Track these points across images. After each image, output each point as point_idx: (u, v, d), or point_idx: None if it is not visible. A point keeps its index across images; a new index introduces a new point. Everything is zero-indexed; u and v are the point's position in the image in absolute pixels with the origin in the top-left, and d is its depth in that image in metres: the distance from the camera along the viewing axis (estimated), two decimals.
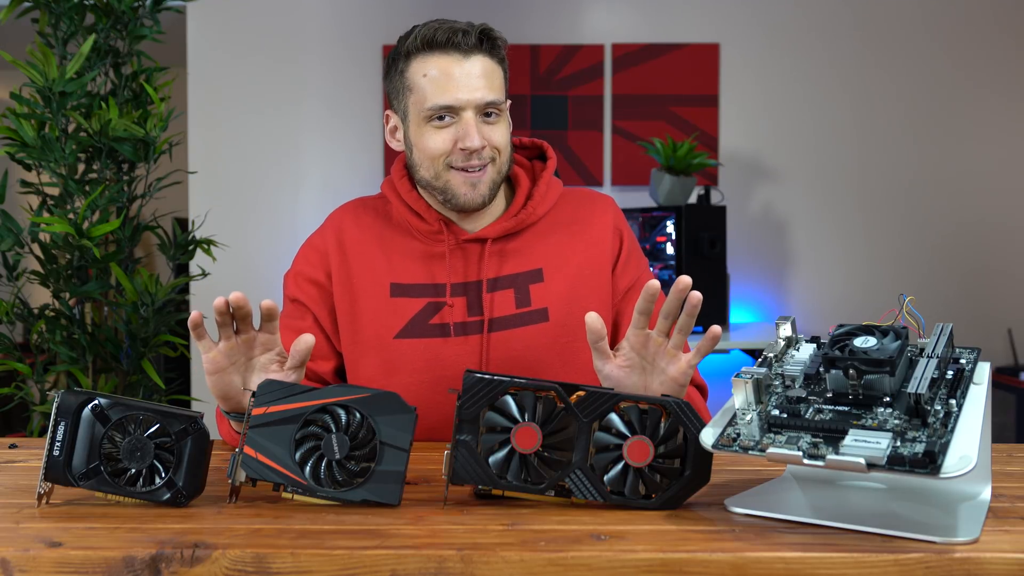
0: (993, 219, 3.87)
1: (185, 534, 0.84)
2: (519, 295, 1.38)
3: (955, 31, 3.85)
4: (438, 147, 1.33)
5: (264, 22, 3.81)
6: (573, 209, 1.45)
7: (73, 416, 0.93)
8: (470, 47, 1.32)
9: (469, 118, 1.32)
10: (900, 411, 0.85)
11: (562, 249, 1.41)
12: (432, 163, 1.35)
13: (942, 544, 0.79)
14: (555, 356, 1.37)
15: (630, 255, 1.45)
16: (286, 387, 0.96)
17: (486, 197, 1.36)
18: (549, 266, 1.39)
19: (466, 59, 1.32)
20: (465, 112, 1.32)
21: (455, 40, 1.32)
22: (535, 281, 1.39)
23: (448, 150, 1.33)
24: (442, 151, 1.33)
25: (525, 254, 1.40)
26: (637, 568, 0.78)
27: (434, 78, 1.32)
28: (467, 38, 1.32)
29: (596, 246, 1.42)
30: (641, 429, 0.93)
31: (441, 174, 1.35)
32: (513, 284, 1.38)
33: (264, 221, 3.81)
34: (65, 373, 2.22)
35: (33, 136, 2.11)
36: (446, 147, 1.33)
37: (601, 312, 1.38)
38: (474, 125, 1.32)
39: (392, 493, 0.94)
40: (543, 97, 3.81)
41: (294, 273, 1.44)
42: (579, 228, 1.43)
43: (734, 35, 3.84)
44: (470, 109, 1.32)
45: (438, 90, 1.31)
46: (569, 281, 1.39)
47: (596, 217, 1.44)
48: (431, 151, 1.34)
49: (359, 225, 1.44)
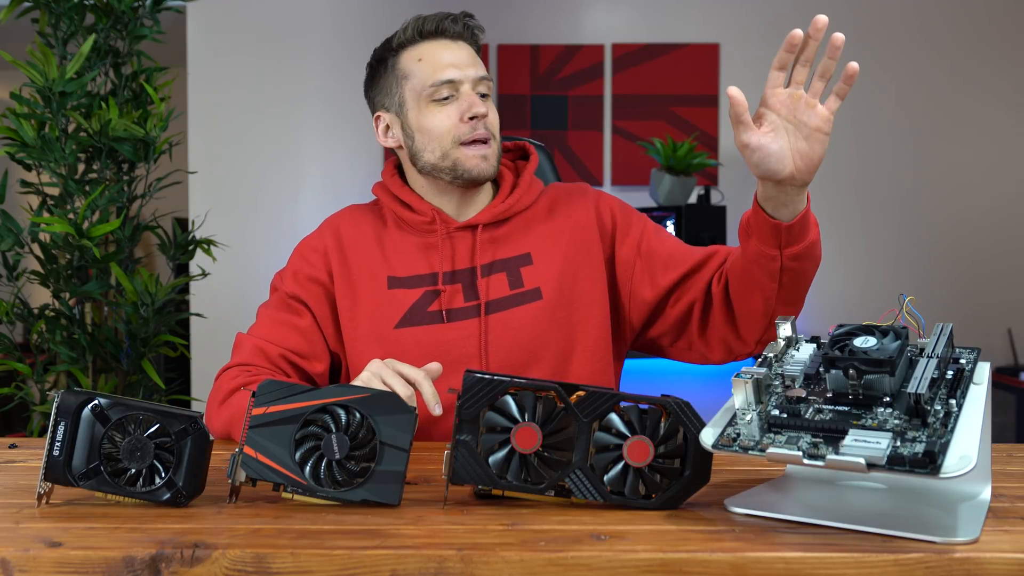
0: (993, 219, 3.87)
1: (185, 534, 0.84)
2: (511, 277, 1.41)
3: (953, 31, 3.85)
4: (444, 124, 1.39)
5: (264, 22, 3.82)
6: (552, 201, 1.49)
7: (73, 416, 0.93)
8: (457, 33, 1.42)
9: (468, 91, 1.39)
10: (900, 411, 0.85)
11: (548, 235, 1.45)
12: (439, 142, 1.40)
13: (942, 544, 0.79)
14: (552, 332, 1.40)
15: (624, 218, 1.48)
16: (286, 387, 0.96)
17: (494, 168, 1.42)
18: (536, 250, 1.43)
19: (454, 43, 1.41)
20: (464, 86, 1.39)
21: (443, 26, 1.41)
22: (525, 264, 1.42)
23: (454, 125, 1.39)
24: (448, 127, 1.39)
25: (513, 241, 1.44)
26: (637, 568, 0.78)
27: (430, 59, 1.40)
28: (455, 24, 1.41)
29: (581, 226, 1.45)
30: (641, 429, 0.93)
31: (449, 152, 1.40)
32: (505, 268, 1.42)
33: (264, 221, 3.81)
34: (65, 373, 2.22)
35: (33, 136, 2.11)
36: (452, 122, 1.39)
37: (596, 288, 1.42)
38: (475, 95, 1.39)
39: (392, 493, 0.94)
40: (543, 97, 3.81)
41: (293, 272, 1.46)
42: (562, 214, 1.47)
43: (734, 35, 3.84)
44: (468, 83, 1.39)
45: (437, 68, 1.39)
46: (558, 262, 1.42)
47: (576, 201, 1.48)
48: (438, 129, 1.39)
49: (355, 225, 1.48)
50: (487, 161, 1.40)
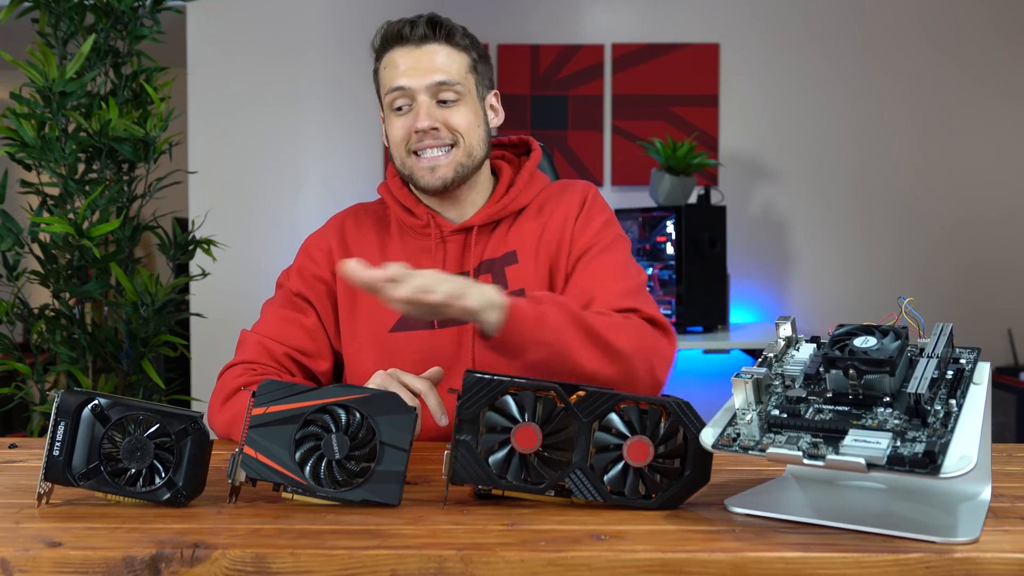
0: (993, 218, 3.87)
1: (185, 534, 0.84)
2: (496, 279, 1.41)
3: (954, 31, 3.85)
4: (398, 134, 1.41)
5: (264, 22, 3.81)
6: (547, 198, 1.48)
7: (73, 416, 0.93)
8: (420, 37, 1.39)
9: (422, 101, 1.39)
10: (900, 411, 0.85)
11: (533, 232, 1.44)
12: (397, 151, 1.42)
13: (942, 544, 0.79)
14: None
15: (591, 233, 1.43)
16: (286, 387, 0.96)
17: (447, 180, 1.40)
18: (522, 248, 1.43)
19: (418, 48, 1.39)
20: (419, 96, 1.38)
21: (404, 33, 1.40)
22: (510, 263, 1.42)
23: (406, 136, 1.40)
24: (402, 137, 1.41)
25: (500, 240, 1.44)
26: (637, 568, 0.78)
27: (390, 67, 1.40)
28: (415, 29, 1.39)
29: (560, 226, 1.44)
30: (641, 429, 0.93)
31: (405, 160, 1.42)
32: (491, 269, 1.42)
33: (264, 221, 3.80)
34: (65, 373, 2.22)
35: (33, 136, 2.10)
36: (404, 133, 1.40)
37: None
38: (425, 107, 1.38)
39: (392, 493, 0.94)
40: (543, 97, 3.81)
41: (298, 269, 1.48)
42: (548, 212, 1.46)
43: (734, 35, 3.84)
44: (422, 93, 1.38)
45: (392, 76, 1.40)
46: (541, 260, 1.42)
47: (566, 198, 1.47)
48: (394, 138, 1.42)
49: (359, 226, 1.50)
50: (435, 173, 1.39)
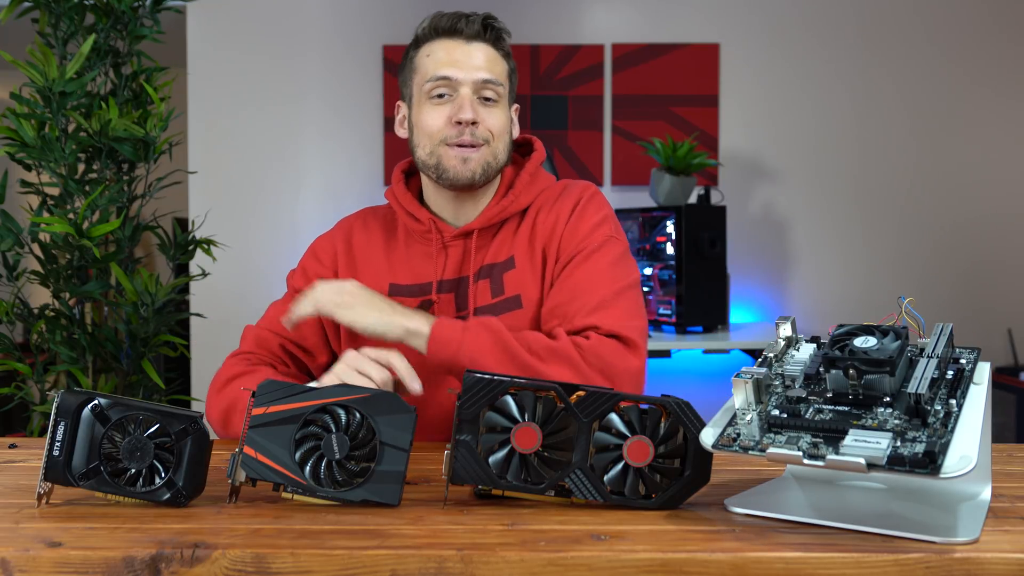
0: (993, 219, 3.87)
1: (185, 534, 0.84)
2: (494, 285, 1.41)
3: (954, 31, 3.85)
4: (435, 123, 1.39)
5: (264, 22, 3.81)
6: (546, 199, 1.46)
7: (73, 416, 0.93)
8: (473, 34, 1.40)
9: (466, 94, 1.38)
10: (900, 411, 0.85)
11: (531, 235, 1.43)
12: (429, 140, 1.40)
13: (942, 544, 0.79)
14: None
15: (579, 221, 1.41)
16: (286, 387, 0.96)
17: (476, 175, 1.40)
18: (519, 253, 1.42)
19: (468, 44, 1.40)
20: (462, 88, 1.38)
21: (459, 26, 1.40)
22: (508, 269, 1.42)
23: (443, 126, 1.39)
24: (438, 127, 1.39)
25: (499, 245, 1.43)
26: (637, 568, 0.78)
27: (436, 56, 1.39)
28: (471, 25, 1.40)
29: (552, 229, 1.42)
30: (641, 429, 0.93)
31: (435, 150, 1.40)
32: (490, 274, 1.42)
33: (264, 221, 3.80)
34: (65, 373, 2.22)
35: (33, 136, 2.10)
36: (441, 123, 1.39)
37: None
38: (469, 101, 1.38)
39: (392, 493, 0.94)
40: (543, 97, 3.81)
41: (303, 268, 1.51)
42: (545, 213, 1.44)
43: (734, 35, 3.83)
44: (467, 86, 1.38)
45: (438, 64, 1.39)
46: (536, 265, 1.41)
47: (560, 201, 1.45)
48: (428, 127, 1.39)
49: (367, 230, 1.51)
50: (466, 165, 1.38)
